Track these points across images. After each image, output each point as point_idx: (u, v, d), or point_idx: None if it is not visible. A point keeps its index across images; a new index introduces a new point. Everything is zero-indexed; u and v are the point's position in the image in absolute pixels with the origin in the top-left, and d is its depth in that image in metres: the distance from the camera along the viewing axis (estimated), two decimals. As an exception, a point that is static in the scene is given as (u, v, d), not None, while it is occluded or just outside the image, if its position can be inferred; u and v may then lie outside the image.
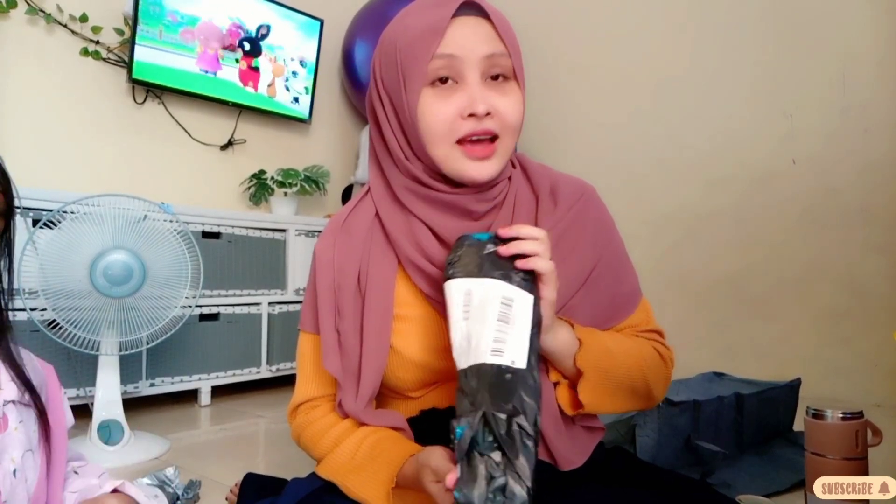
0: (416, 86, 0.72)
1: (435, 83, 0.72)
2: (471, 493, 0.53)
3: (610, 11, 2.79)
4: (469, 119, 0.72)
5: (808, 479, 1.01)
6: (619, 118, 2.72)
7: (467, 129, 0.72)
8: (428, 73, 0.72)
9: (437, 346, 0.78)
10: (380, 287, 0.79)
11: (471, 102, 0.71)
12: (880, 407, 1.87)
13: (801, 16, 2.31)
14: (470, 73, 0.72)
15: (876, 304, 2.12)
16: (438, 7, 0.73)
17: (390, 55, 0.75)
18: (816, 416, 1.01)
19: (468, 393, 0.60)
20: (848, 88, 2.21)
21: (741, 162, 2.42)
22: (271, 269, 2.37)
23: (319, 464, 0.80)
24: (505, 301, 0.65)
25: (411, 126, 0.74)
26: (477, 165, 0.73)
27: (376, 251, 0.81)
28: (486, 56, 0.72)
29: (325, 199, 2.94)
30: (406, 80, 0.73)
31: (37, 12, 2.12)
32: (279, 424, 1.94)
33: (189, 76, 2.44)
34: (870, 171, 2.15)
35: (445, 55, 0.71)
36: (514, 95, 0.75)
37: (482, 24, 0.73)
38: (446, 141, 0.73)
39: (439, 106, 0.72)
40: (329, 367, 0.78)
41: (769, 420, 1.52)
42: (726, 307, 2.44)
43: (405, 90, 0.74)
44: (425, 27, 0.72)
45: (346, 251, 0.81)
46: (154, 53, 2.32)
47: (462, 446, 0.56)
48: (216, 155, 2.65)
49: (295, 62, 2.79)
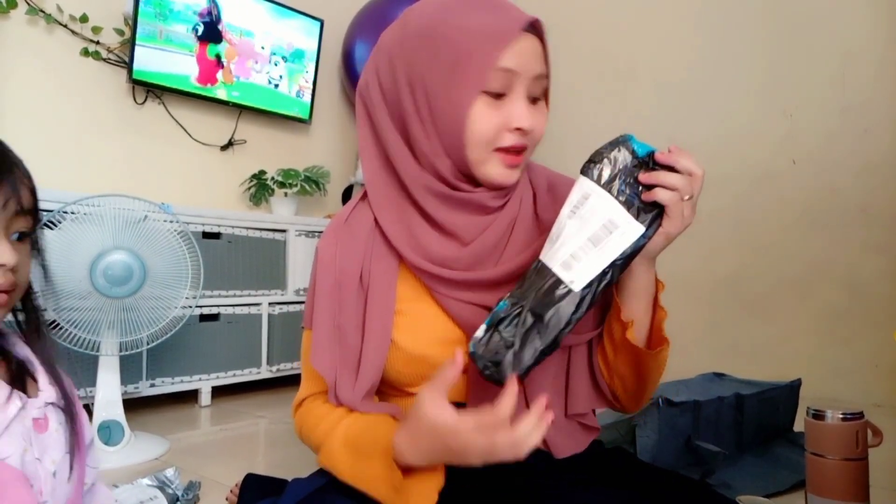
0: (472, 89, 0.72)
1: (490, 92, 0.73)
2: (478, 351, 0.67)
3: (609, 11, 2.79)
4: (514, 132, 0.75)
5: (808, 479, 1.01)
6: (619, 118, 2.72)
7: (510, 141, 0.75)
8: (486, 81, 0.72)
9: (438, 339, 0.79)
10: (381, 283, 0.80)
11: (519, 118, 0.74)
12: (880, 407, 1.87)
13: (801, 16, 2.31)
14: (520, 88, 0.74)
15: (876, 304, 2.12)
16: (505, 17, 0.74)
17: (437, 47, 0.74)
18: (816, 417, 1.01)
19: (526, 279, 0.69)
20: (848, 88, 2.21)
21: (741, 162, 2.42)
22: (271, 270, 2.37)
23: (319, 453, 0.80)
24: (607, 224, 0.68)
25: (452, 125, 0.74)
26: (507, 172, 0.77)
27: (378, 250, 0.82)
28: (535, 76, 0.75)
29: (326, 199, 2.94)
30: (460, 80, 0.73)
31: (37, 12, 2.12)
32: (279, 425, 1.94)
33: (189, 76, 2.44)
34: (870, 171, 2.15)
35: (507, 69, 0.72)
36: (543, 114, 0.79)
37: (537, 44, 0.76)
38: (487, 148, 0.75)
39: (491, 115, 0.74)
40: (317, 364, 0.79)
41: (769, 420, 1.52)
42: (726, 307, 2.44)
43: (455, 90, 0.73)
44: (492, 34, 0.72)
45: (348, 249, 0.82)
46: (154, 53, 2.32)
47: (493, 318, 0.67)
48: (216, 155, 2.65)
49: (265, 49, 2.78)
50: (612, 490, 0.76)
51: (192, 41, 2.43)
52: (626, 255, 0.67)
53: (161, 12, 2.32)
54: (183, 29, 2.40)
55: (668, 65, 2.62)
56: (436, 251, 0.79)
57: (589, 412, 0.85)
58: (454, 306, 0.78)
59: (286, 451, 1.66)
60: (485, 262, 0.79)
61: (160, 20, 2.32)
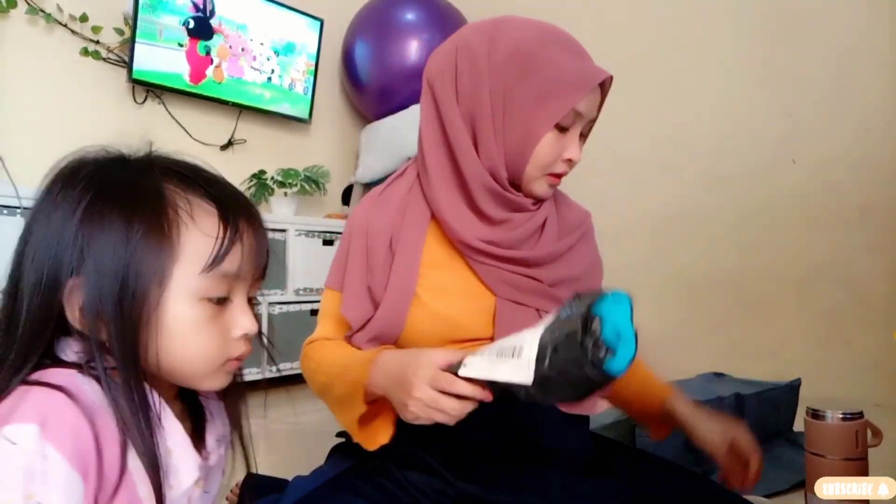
0: (549, 121, 0.81)
1: (560, 127, 0.83)
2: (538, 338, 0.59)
3: (609, 11, 2.79)
4: (565, 162, 0.86)
5: (808, 479, 1.01)
6: (619, 118, 2.72)
7: (561, 169, 0.86)
8: (563, 118, 0.81)
9: (466, 301, 0.84)
10: (408, 246, 0.86)
11: (572, 152, 0.85)
12: (880, 407, 1.86)
13: (801, 16, 2.31)
14: (579, 127, 0.85)
15: (876, 304, 2.12)
16: (590, 66, 0.83)
17: (528, 72, 0.81)
18: (816, 417, 1.01)
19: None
20: (848, 88, 2.20)
21: (741, 161, 2.41)
22: (271, 269, 2.33)
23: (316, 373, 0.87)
24: (516, 348, 0.64)
25: (522, 145, 0.83)
26: (549, 190, 0.88)
27: (409, 219, 0.88)
28: (591, 120, 0.86)
29: (325, 199, 2.94)
30: (541, 111, 0.81)
31: (37, 12, 2.12)
32: (279, 424, 1.94)
33: (189, 76, 2.44)
34: (870, 171, 2.15)
35: (578, 111, 0.82)
36: (582, 150, 0.89)
37: (598, 94, 0.86)
38: (542, 170, 0.85)
39: (554, 146, 0.83)
40: (347, 313, 0.85)
41: (769, 420, 1.52)
42: (726, 307, 2.44)
43: (535, 117, 0.81)
44: (579, 78, 0.81)
45: (380, 218, 0.89)
46: (154, 52, 2.32)
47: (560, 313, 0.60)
48: (216, 155, 2.65)
49: (264, 45, 2.78)
50: (616, 481, 0.77)
51: (188, 39, 2.43)
52: (502, 388, 0.63)
53: (153, 4, 2.32)
54: (183, 28, 2.40)
55: (667, 64, 2.62)
56: (480, 231, 0.86)
57: None
58: (488, 273, 0.85)
59: (286, 450, 1.66)
60: (522, 246, 0.87)
61: (152, 12, 2.32)
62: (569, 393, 0.59)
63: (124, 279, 0.50)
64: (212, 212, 0.53)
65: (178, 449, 0.55)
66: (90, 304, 0.50)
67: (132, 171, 0.54)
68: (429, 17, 2.77)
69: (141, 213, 0.51)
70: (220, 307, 0.54)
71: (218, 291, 0.53)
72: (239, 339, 0.56)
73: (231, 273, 0.53)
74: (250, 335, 0.56)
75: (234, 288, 0.55)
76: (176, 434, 0.55)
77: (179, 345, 0.52)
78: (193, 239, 0.52)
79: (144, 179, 0.53)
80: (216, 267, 0.52)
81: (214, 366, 0.55)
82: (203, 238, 0.52)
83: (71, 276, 0.51)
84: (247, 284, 0.56)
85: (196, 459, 0.56)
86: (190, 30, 2.43)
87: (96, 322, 0.50)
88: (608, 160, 2.75)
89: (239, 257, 0.54)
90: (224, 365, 0.56)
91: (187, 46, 2.42)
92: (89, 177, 0.53)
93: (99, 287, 0.50)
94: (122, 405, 0.50)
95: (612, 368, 0.54)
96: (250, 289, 0.58)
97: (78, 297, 0.51)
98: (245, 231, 0.55)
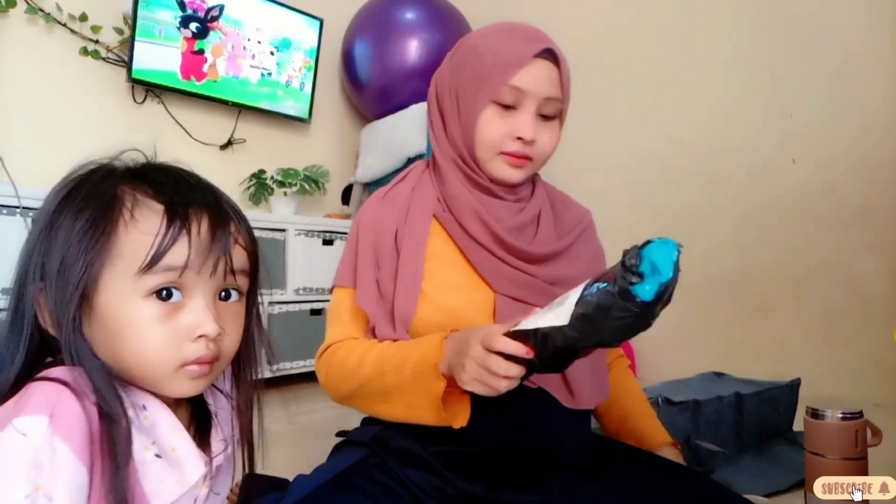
0: (485, 99, 0.87)
1: (499, 103, 0.86)
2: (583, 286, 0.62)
3: (609, 11, 2.79)
4: (516, 141, 0.87)
5: (808, 479, 1.01)
6: (619, 118, 2.72)
7: (513, 148, 0.88)
8: (497, 94, 0.86)
9: (465, 294, 0.86)
10: (413, 241, 0.89)
11: (522, 128, 0.86)
12: (880, 407, 1.86)
13: (801, 16, 2.31)
14: (529, 104, 0.87)
15: (876, 304, 2.12)
16: (525, 42, 0.87)
17: (473, 62, 0.89)
18: (816, 416, 1.01)
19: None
20: (848, 88, 2.20)
21: (741, 162, 2.41)
22: (271, 269, 2.35)
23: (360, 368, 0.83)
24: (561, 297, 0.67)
25: (468, 124, 0.89)
26: (510, 171, 0.89)
27: (413, 215, 0.91)
28: (546, 98, 0.87)
29: (325, 198, 2.94)
30: (479, 90, 0.87)
31: (36, 11, 2.12)
32: (279, 424, 1.94)
33: (189, 75, 2.44)
34: (869, 171, 2.15)
35: (517, 87, 0.85)
36: (554, 132, 0.91)
37: (552, 70, 0.88)
38: (492, 150, 0.88)
39: (497, 123, 0.87)
40: (363, 304, 0.87)
41: (769, 420, 1.52)
42: (726, 307, 2.44)
43: (475, 97, 0.87)
44: (511, 56, 0.85)
45: (385, 216, 0.92)
46: (154, 52, 2.32)
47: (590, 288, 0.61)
48: (216, 154, 2.65)
49: (265, 44, 2.78)
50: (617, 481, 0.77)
51: (189, 39, 2.43)
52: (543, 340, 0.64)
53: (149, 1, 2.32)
54: (182, 28, 2.40)
55: (667, 65, 2.62)
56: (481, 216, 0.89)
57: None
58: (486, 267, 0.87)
59: (286, 450, 1.66)
60: (519, 236, 0.90)
61: (146, 7, 2.32)
62: (606, 330, 0.59)
63: (67, 280, 0.50)
64: (158, 209, 0.52)
65: (183, 447, 0.55)
66: (51, 307, 0.51)
67: (96, 176, 0.55)
68: (429, 16, 2.77)
69: (86, 215, 0.51)
70: (174, 307, 0.52)
71: (162, 284, 0.51)
72: (196, 342, 0.53)
73: (175, 267, 0.51)
74: (211, 336, 0.53)
75: (188, 286, 0.53)
76: (178, 432, 0.55)
77: (126, 345, 0.51)
78: (133, 238, 0.51)
79: (104, 183, 0.54)
80: (155, 264, 0.50)
81: (168, 368, 0.52)
82: (142, 236, 0.51)
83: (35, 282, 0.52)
84: (208, 283, 0.54)
85: (201, 457, 0.56)
86: (189, 30, 2.42)
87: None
88: (608, 160, 2.75)
89: (186, 253, 0.51)
90: (182, 369, 0.53)
91: (186, 46, 2.42)
92: (64, 187, 0.55)
93: (53, 290, 0.51)
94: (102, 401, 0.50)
95: (640, 293, 0.55)
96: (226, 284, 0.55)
97: (45, 301, 0.52)
98: (199, 228, 0.53)
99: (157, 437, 0.53)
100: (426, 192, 0.94)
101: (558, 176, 1.30)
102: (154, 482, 0.52)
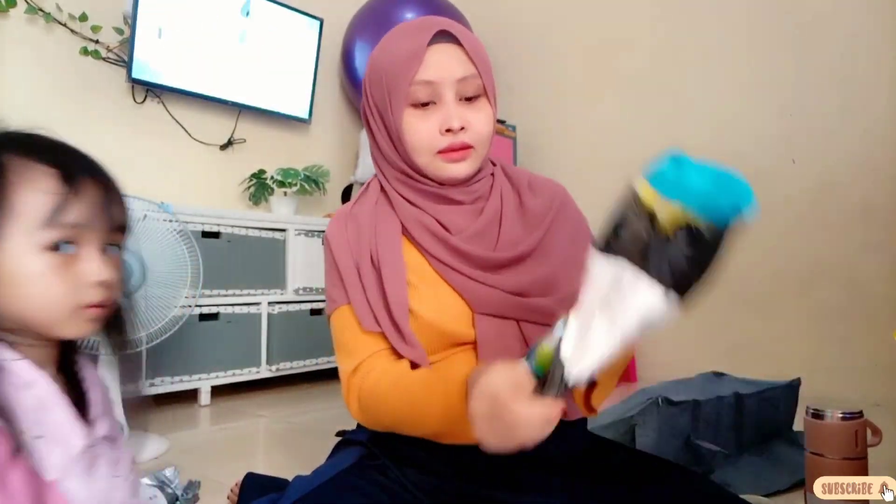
0: (400, 106, 0.83)
1: (416, 104, 0.83)
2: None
3: (609, 11, 2.79)
4: (447, 134, 0.82)
5: (808, 479, 1.01)
6: (619, 118, 2.72)
7: (445, 142, 0.83)
8: (410, 96, 0.82)
9: (446, 309, 0.83)
10: (390, 260, 0.85)
11: (447, 119, 0.82)
12: (880, 407, 1.86)
13: (801, 16, 2.31)
14: (446, 93, 0.82)
15: (876, 304, 2.12)
16: (416, 36, 0.83)
17: (378, 76, 0.86)
18: (816, 416, 1.01)
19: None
20: (849, 88, 2.20)
21: (741, 161, 2.39)
22: (271, 269, 2.36)
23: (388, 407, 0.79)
24: None
25: (398, 139, 0.85)
26: (454, 167, 0.84)
27: (382, 225, 0.88)
28: (459, 79, 0.82)
29: (325, 198, 2.94)
30: (391, 101, 0.84)
31: (36, 11, 2.12)
32: (279, 424, 1.94)
33: (188, 76, 2.44)
34: (870, 171, 2.15)
35: (424, 81, 0.82)
36: (485, 111, 0.85)
37: (455, 49, 0.83)
38: (428, 153, 0.84)
39: (420, 124, 0.83)
40: (369, 326, 0.82)
41: (769, 420, 1.52)
42: (726, 307, 2.44)
43: (391, 109, 0.84)
44: (406, 54, 0.82)
45: (356, 233, 0.88)
46: (154, 52, 2.32)
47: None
48: (216, 154, 2.65)
49: (265, 44, 2.77)
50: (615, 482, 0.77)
51: (189, 39, 2.43)
52: None
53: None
54: (182, 28, 2.40)
55: (667, 64, 2.62)
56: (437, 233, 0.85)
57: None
58: (458, 282, 0.83)
59: (286, 450, 1.66)
60: (481, 244, 0.85)
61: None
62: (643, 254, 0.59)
63: None
64: (50, 172, 0.58)
65: (60, 413, 0.59)
66: None
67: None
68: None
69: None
70: (70, 258, 0.58)
71: (59, 238, 0.57)
72: (93, 287, 0.59)
73: (73, 223, 0.58)
74: (105, 282, 0.59)
75: (82, 238, 0.59)
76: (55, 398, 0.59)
77: (27, 293, 0.57)
78: (30, 198, 0.57)
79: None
80: (56, 219, 0.57)
81: (67, 311, 0.58)
82: (40, 195, 0.57)
83: None
84: (98, 235, 0.60)
85: (81, 426, 0.60)
86: (189, 29, 2.42)
87: None
88: (608, 160, 2.75)
89: (82, 210, 0.58)
90: (82, 311, 0.59)
91: (186, 46, 2.42)
92: None
93: None
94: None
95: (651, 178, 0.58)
96: (110, 239, 0.62)
97: None
98: (88, 187, 0.60)
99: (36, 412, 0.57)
100: (388, 208, 0.89)
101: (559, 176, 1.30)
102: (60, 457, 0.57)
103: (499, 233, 0.87)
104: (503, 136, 2.76)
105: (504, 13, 3.07)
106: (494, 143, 0.91)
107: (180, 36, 2.39)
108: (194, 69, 2.45)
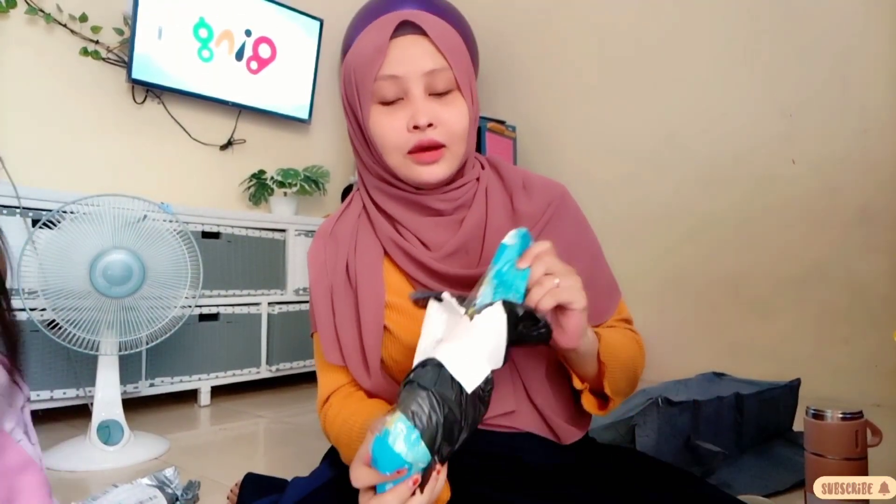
0: (367, 104, 0.80)
1: (384, 101, 0.78)
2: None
3: (608, 11, 2.79)
4: (414, 131, 0.77)
5: (808, 479, 1.01)
6: (618, 118, 2.72)
7: (414, 140, 0.77)
8: (375, 93, 0.78)
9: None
10: (368, 276, 0.83)
11: (413, 115, 0.76)
12: (880, 407, 1.86)
13: (800, 16, 2.31)
14: (413, 88, 0.77)
15: (876, 304, 2.12)
16: (380, 29, 0.79)
17: (348, 75, 0.82)
18: (816, 417, 1.01)
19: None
20: (848, 88, 2.20)
21: (741, 162, 2.41)
22: (271, 269, 2.37)
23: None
24: None
25: (370, 138, 0.81)
26: (426, 170, 0.78)
27: (362, 241, 0.85)
28: (426, 73, 0.77)
29: (325, 199, 2.94)
30: (360, 98, 0.80)
31: (36, 12, 2.12)
32: (279, 424, 1.94)
33: (189, 75, 2.44)
34: (870, 171, 2.15)
35: (389, 76, 0.77)
36: (457, 106, 0.79)
37: (421, 41, 0.78)
38: (397, 152, 0.79)
39: (387, 121, 0.78)
40: (331, 358, 0.82)
41: (769, 420, 1.52)
42: (726, 307, 2.44)
43: (360, 107, 0.81)
44: (370, 50, 0.78)
45: (334, 255, 0.86)
46: (154, 52, 2.32)
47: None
48: (216, 155, 2.65)
49: (266, 44, 2.77)
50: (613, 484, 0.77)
51: (190, 40, 2.43)
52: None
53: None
54: (182, 28, 2.40)
55: (667, 64, 2.62)
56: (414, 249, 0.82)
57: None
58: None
59: (286, 450, 1.66)
60: (462, 261, 0.81)
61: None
62: None
63: None
64: None
65: None
66: None
67: None
68: (428, 16, 2.77)
69: None
70: None
71: None
72: None
73: None
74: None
75: None
76: None
77: None
78: None
79: None
80: None
81: None
82: None
83: None
84: None
85: None
86: (189, 29, 2.42)
87: None
88: (608, 160, 2.75)
89: None
90: None
91: (187, 46, 2.42)
92: None
93: None
94: None
95: None
96: None
97: None
98: None
99: None
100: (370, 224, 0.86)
101: (559, 176, 1.30)
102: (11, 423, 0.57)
103: (482, 246, 0.81)
104: (503, 136, 2.76)
105: (504, 13, 3.07)
106: (494, 143, 0.89)
107: (180, 36, 2.39)
108: (194, 69, 2.45)
